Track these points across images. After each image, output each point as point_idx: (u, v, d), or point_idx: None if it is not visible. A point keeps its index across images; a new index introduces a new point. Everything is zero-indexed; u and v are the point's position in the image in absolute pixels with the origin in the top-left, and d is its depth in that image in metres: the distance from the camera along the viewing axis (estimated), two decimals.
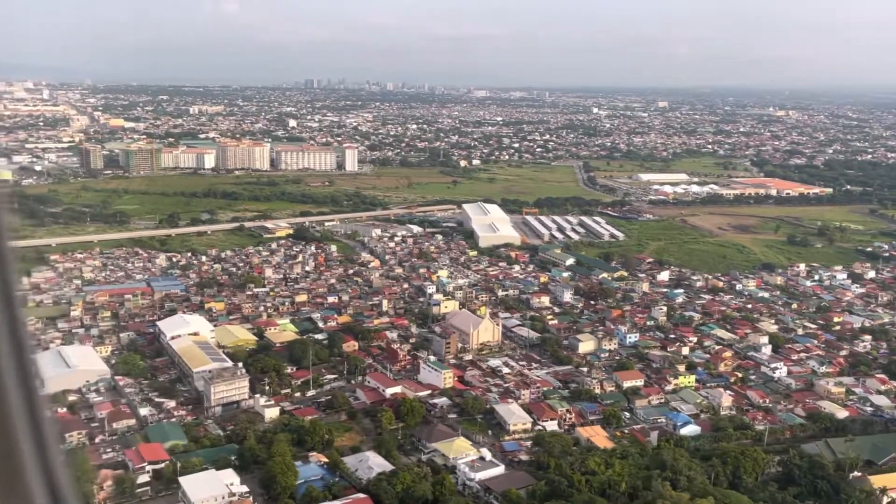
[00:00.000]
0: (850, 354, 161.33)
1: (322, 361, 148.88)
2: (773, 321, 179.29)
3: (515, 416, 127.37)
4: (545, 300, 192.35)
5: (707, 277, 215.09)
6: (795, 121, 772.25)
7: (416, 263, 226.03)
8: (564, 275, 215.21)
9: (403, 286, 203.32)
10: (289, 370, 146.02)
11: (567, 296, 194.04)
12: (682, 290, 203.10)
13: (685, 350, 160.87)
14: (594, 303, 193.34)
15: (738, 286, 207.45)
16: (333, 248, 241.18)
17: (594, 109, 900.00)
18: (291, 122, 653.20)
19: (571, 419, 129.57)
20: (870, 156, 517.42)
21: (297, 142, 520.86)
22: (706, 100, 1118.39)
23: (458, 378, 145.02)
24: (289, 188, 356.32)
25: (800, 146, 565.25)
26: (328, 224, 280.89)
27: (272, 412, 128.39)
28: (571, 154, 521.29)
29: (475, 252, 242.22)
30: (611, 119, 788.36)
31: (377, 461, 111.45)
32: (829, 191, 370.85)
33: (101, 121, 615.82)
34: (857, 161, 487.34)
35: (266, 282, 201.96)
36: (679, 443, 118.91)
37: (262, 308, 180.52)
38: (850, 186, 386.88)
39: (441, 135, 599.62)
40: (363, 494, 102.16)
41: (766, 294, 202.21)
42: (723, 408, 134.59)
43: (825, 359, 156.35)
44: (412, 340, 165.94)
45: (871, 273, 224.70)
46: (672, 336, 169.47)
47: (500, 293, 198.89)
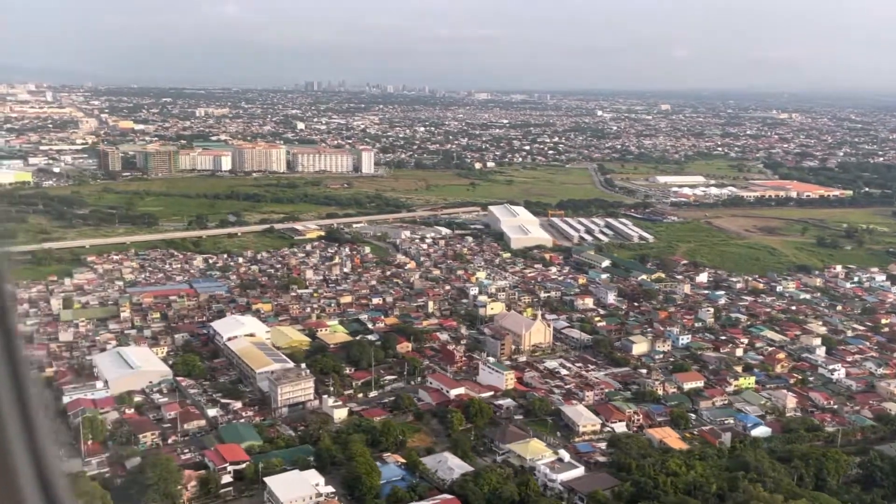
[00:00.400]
0: None
1: (378, 363, 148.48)
2: (821, 323, 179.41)
3: (584, 418, 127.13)
4: (589, 302, 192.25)
5: (746, 279, 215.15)
6: (800, 124, 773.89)
7: (453, 265, 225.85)
8: (603, 276, 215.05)
9: (445, 287, 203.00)
10: (347, 371, 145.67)
11: (611, 297, 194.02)
12: (723, 292, 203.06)
13: (739, 352, 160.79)
14: (637, 304, 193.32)
15: (779, 288, 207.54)
16: (367, 250, 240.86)
17: (598, 112, 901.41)
18: (299, 125, 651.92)
19: (640, 421, 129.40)
20: (881, 158, 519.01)
21: (308, 144, 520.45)
22: (707, 102, 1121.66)
23: (517, 379, 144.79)
24: (309, 190, 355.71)
25: (809, 149, 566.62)
26: (355, 226, 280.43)
27: (341, 413, 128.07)
28: (583, 156, 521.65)
29: (508, 254, 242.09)
30: (616, 122, 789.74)
31: (455, 462, 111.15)
32: (849, 193, 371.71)
33: (110, 123, 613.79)
34: (871, 163, 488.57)
35: (307, 283, 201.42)
36: (753, 444, 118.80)
37: (309, 309, 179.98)
38: (869, 189, 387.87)
39: (450, 137, 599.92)
40: (449, 495, 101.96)
41: (808, 296, 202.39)
42: (787, 409, 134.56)
43: (881, 360, 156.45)
44: (463, 342, 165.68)
45: None
46: (723, 338, 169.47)
47: (543, 295, 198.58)
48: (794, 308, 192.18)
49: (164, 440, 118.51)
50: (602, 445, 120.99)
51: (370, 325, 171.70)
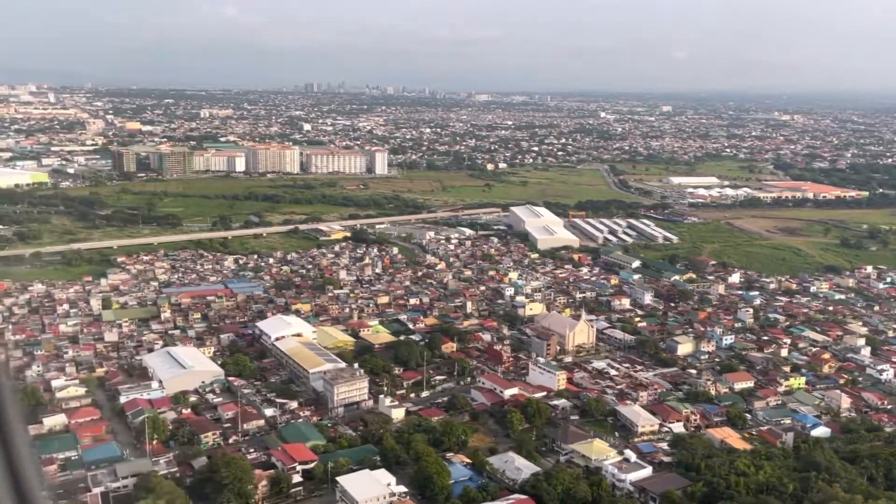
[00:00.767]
0: None
1: (426, 363, 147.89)
2: (861, 323, 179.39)
3: (643, 418, 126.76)
4: (625, 302, 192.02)
5: (779, 280, 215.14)
6: (803, 125, 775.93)
7: (483, 265, 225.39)
8: (636, 277, 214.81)
9: (480, 288, 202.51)
10: (396, 371, 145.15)
11: (647, 298, 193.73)
12: (757, 293, 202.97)
13: (783, 352, 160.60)
14: (674, 305, 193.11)
15: (812, 289, 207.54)
16: (395, 251, 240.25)
17: (601, 114, 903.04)
18: (305, 126, 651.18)
19: (697, 421, 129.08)
20: (889, 160, 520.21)
21: (316, 145, 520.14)
22: (707, 104, 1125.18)
23: (567, 380, 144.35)
24: (326, 191, 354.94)
25: (816, 150, 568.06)
26: (378, 227, 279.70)
27: (399, 413, 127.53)
28: (593, 157, 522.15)
29: (536, 255, 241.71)
30: (620, 123, 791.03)
31: (522, 462, 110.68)
32: (865, 194, 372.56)
33: (117, 124, 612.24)
34: (881, 164, 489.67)
35: (342, 284, 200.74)
36: (816, 445, 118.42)
37: (348, 310, 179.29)
38: (883, 190, 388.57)
39: (457, 138, 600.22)
40: (522, 496, 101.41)
41: (842, 296, 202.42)
42: (842, 410, 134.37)
43: None
44: (506, 342, 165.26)
45: None
46: (765, 338, 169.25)
47: (578, 295, 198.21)
48: (831, 308, 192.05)
49: (226, 440, 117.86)
50: (663, 445, 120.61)
51: (411, 326, 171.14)
